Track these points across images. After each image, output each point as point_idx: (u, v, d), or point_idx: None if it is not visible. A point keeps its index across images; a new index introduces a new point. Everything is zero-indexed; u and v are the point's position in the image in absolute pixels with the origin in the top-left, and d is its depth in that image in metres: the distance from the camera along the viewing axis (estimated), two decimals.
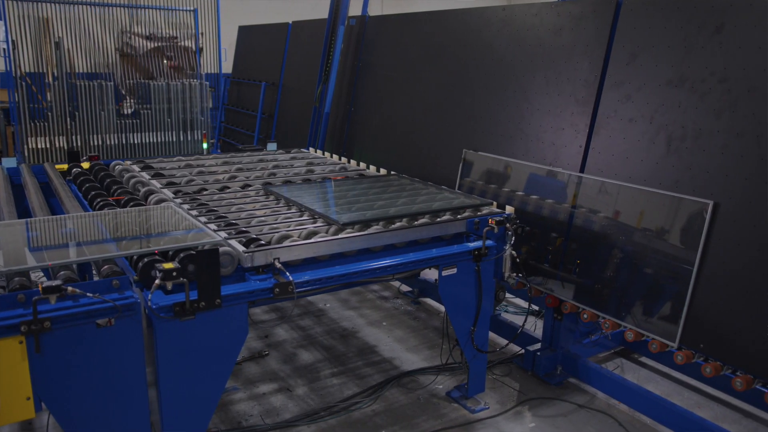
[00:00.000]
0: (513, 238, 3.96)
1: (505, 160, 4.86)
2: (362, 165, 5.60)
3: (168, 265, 2.78)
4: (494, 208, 4.19)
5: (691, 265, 3.64)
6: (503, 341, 5.10)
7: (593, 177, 4.23)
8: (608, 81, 4.28)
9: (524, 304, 5.81)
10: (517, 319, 5.46)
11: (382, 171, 5.39)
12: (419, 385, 4.48)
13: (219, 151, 9.93)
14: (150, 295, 2.78)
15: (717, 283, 3.53)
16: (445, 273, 3.77)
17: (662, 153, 3.91)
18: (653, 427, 4.07)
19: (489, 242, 3.88)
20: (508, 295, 6.03)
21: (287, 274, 3.14)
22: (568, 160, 4.45)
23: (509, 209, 4.15)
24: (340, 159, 5.95)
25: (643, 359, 5.00)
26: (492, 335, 5.06)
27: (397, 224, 3.74)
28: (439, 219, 3.90)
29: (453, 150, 5.48)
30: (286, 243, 3.34)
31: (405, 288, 6.25)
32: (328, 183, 4.83)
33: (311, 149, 6.48)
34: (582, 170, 4.35)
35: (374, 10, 11.48)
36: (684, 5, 3.89)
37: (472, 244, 3.86)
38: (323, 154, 6.18)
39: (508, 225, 3.92)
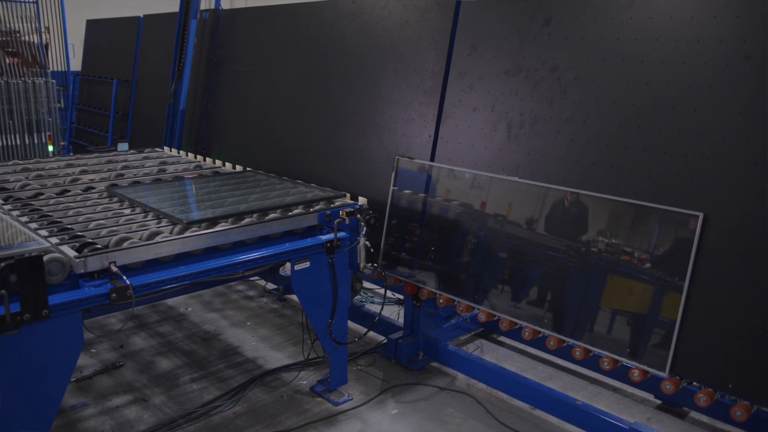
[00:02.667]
0: (365, 229, 3.98)
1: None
2: (218, 163, 5.44)
3: None
4: (347, 200, 4.20)
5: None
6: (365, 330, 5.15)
7: (441, 165, 4.35)
8: (453, 71, 4.41)
9: (391, 294, 5.89)
10: (377, 308, 5.55)
11: (239, 168, 5.26)
12: (283, 383, 4.42)
13: (71, 154, 9.31)
14: None
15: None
16: (297, 267, 3.73)
17: (503, 140, 4.08)
18: (508, 401, 4.26)
19: (342, 234, 3.88)
20: (373, 285, 6.11)
21: (124, 278, 2.97)
22: (419, 150, 4.54)
23: (362, 200, 4.17)
24: (196, 157, 5.74)
25: (501, 338, 5.21)
26: (357, 327, 5.11)
27: (246, 220, 3.65)
28: (290, 213, 3.85)
29: (310, 144, 5.44)
30: (125, 245, 3.16)
31: (271, 286, 6.15)
32: (179, 182, 4.64)
33: (166, 148, 6.21)
34: (432, 159, 4.45)
35: (227, 3, 11.22)
36: None
37: (324, 237, 3.84)
38: (179, 153, 5.94)
39: (359, 216, 3.94)
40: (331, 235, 3.84)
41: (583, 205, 3.66)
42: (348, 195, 4.27)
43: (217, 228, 3.51)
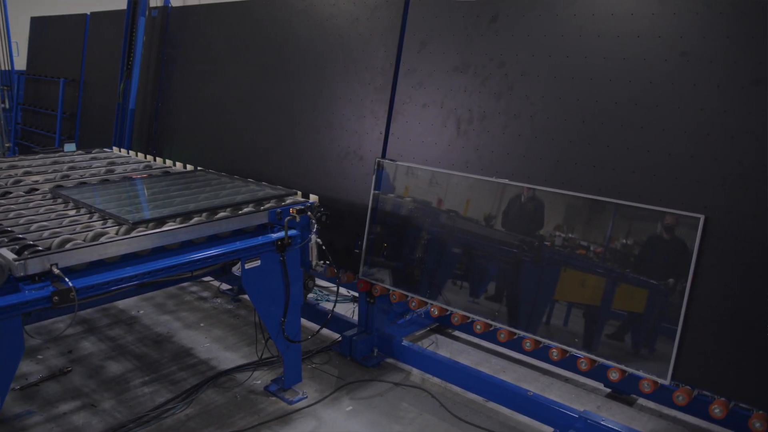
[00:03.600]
0: (315, 226, 3.96)
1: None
2: (169, 162, 5.35)
3: None
4: (298, 198, 4.18)
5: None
6: (324, 330, 5.13)
7: (393, 161, 4.37)
8: (402, 68, 4.42)
9: (346, 292, 5.89)
10: (340, 308, 5.54)
11: (189, 167, 5.19)
12: (236, 384, 4.38)
13: (16, 155, 9.03)
14: None
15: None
16: (248, 266, 3.70)
17: (453, 135, 4.12)
18: (462, 394, 4.30)
19: (293, 232, 3.86)
20: (328, 284, 6.10)
21: (66, 280, 2.90)
22: (371, 147, 4.55)
23: (313, 198, 4.15)
24: (146, 157, 5.64)
25: (456, 333, 5.26)
26: (312, 325, 5.09)
27: (195, 219, 3.60)
28: (240, 212, 3.81)
29: (263, 142, 5.40)
30: (68, 247, 3.09)
31: (225, 287, 6.08)
32: (127, 182, 4.55)
33: (115, 149, 6.08)
34: (383, 156, 4.46)
35: (178, 1, 11.01)
36: None
37: (275, 235, 3.81)
38: (128, 153, 5.82)
39: (310, 213, 3.92)
40: (281, 233, 3.81)
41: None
42: (299, 193, 4.25)
43: (165, 228, 3.46)
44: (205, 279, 6.29)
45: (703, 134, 3.17)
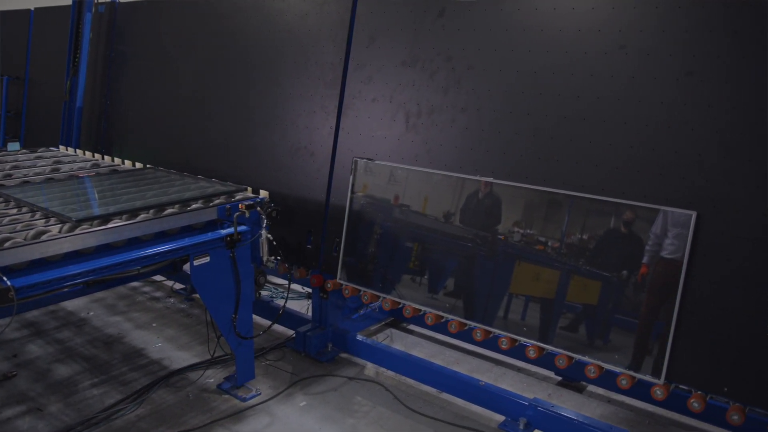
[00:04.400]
0: (265, 222, 3.94)
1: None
2: (118, 161, 5.25)
3: None
4: (249, 194, 4.15)
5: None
6: (279, 327, 5.12)
7: (345, 157, 4.37)
8: (352, 63, 4.43)
9: (301, 289, 5.88)
10: (295, 304, 5.53)
11: (139, 165, 5.11)
12: (189, 383, 4.33)
13: None
14: None
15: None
16: (197, 262, 3.66)
17: (402, 129, 4.14)
18: (416, 386, 4.33)
19: (242, 227, 3.83)
20: (283, 281, 6.07)
21: (4, 279, 2.83)
22: (321, 142, 4.54)
23: (264, 193, 4.13)
24: (94, 156, 5.52)
25: (411, 327, 5.30)
26: (266, 322, 5.07)
27: (141, 216, 3.55)
28: (189, 208, 3.77)
29: (214, 139, 5.34)
30: (6, 245, 3.01)
31: (179, 286, 6.00)
32: (72, 181, 4.45)
33: (62, 147, 5.94)
34: (334, 151, 4.46)
35: None
36: None
37: (224, 231, 3.78)
38: (75, 152, 5.70)
39: (259, 209, 3.90)
40: (231, 229, 3.78)
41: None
42: (249, 189, 4.23)
43: (110, 225, 3.39)
44: (158, 279, 6.20)
45: (642, 125, 3.26)
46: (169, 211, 3.69)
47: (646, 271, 3.25)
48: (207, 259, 3.72)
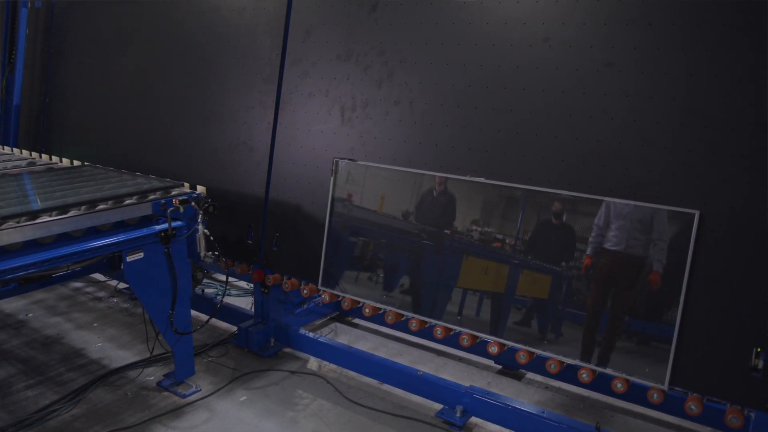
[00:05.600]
0: (200, 217, 3.92)
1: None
2: (56, 159, 5.16)
3: None
4: (185, 189, 4.13)
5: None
6: (224, 324, 5.10)
7: (283, 152, 4.38)
8: (288, 58, 4.44)
9: (247, 285, 5.86)
10: (239, 301, 5.52)
11: (77, 163, 5.02)
12: (128, 381, 4.28)
13: None
14: None
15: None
16: (130, 258, 3.62)
17: (338, 123, 4.17)
18: (358, 378, 4.37)
19: (177, 223, 3.81)
20: (231, 279, 6.04)
21: None
22: (260, 137, 4.54)
23: (200, 189, 4.11)
24: (31, 154, 5.41)
25: (357, 321, 5.33)
26: (213, 320, 5.04)
27: (72, 212, 3.50)
28: (122, 204, 3.73)
29: (154, 136, 5.29)
30: None
31: (122, 285, 5.92)
32: (4, 179, 4.36)
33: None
34: (272, 146, 4.47)
35: None
36: None
37: (158, 227, 3.75)
38: (12, 150, 5.57)
39: (194, 204, 3.88)
40: (165, 225, 3.75)
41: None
42: (187, 185, 4.20)
43: (38, 221, 3.34)
44: (102, 279, 6.12)
45: (565, 115, 3.35)
46: (101, 207, 3.65)
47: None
48: (140, 255, 3.69)
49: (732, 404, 2.96)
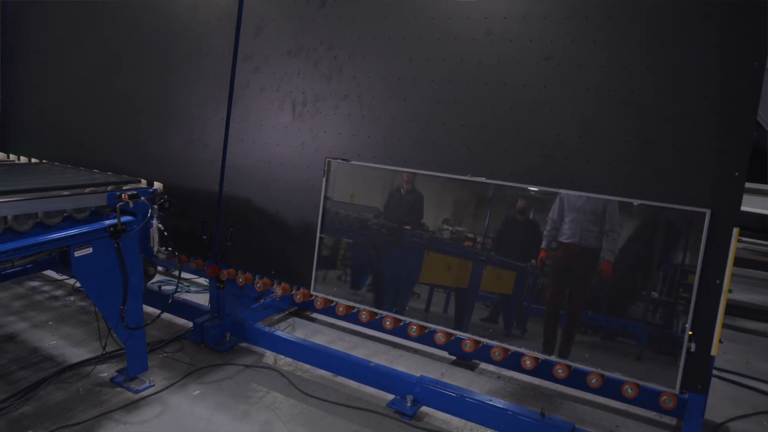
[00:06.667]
0: (155, 212, 3.93)
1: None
2: (13, 157, 5.11)
3: None
4: (141, 185, 4.12)
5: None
6: (181, 320, 5.10)
7: (236, 147, 4.40)
8: (240, 54, 4.46)
9: (206, 282, 5.86)
10: (199, 298, 5.52)
11: (35, 161, 4.98)
12: (80, 378, 4.26)
13: None
14: None
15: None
16: (78, 254, 3.61)
17: (289, 118, 4.20)
18: (312, 371, 4.40)
19: (127, 218, 3.81)
20: (191, 276, 6.05)
21: None
22: (213, 133, 4.55)
23: (157, 185, 4.12)
24: None
25: (315, 315, 5.37)
26: (170, 317, 5.06)
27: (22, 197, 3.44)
28: (68, 193, 3.69)
29: (110, 133, 5.26)
30: None
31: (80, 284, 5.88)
32: None
33: None
34: (225, 141, 4.48)
35: None
36: None
37: (107, 221, 3.75)
38: None
39: (143, 199, 3.88)
40: (114, 220, 3.75)
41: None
42: (143, 181, 4.19)
43: None
44: (59, 277, 6.07)
45: (507, 107, 3.42)
46: (55, 193, 3.61)
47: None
48: (90, 250, 3.68)
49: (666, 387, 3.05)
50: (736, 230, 2.91)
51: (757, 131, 4.50)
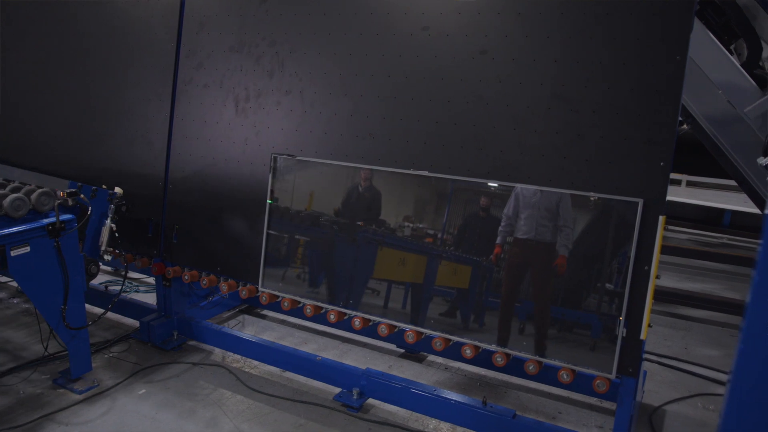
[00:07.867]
0: (110, 211, 3.89)
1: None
2: None
3: None
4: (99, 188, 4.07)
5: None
6: (129, 320, 5.04)
7: (180, 144, 4.37)
8: (183, 50, 4.43)
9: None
10: (149, 297, 5.46)
11: None
12: (21, 381, 4.19)
13: None
14: None
15: None
16: (14, 253, 3.55)
17: (232, 114, 4.19)
18: (261, 367, 4.41)
19: (67, 216, 3.76)
20: (140, 275, 5.98)
21: None
22: (158, 130, 4.51)
23: (118, 190, 4.09)
24: None
25: (264, 312, 5.36)
26: (118, 317, 5.00)
27: None
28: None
29: (55, 131, 5.16)
30: None
31: None
32: None
33: None
34: (170, 138, 4.45)
35: None
36: None
37: (45, 220, 3.70)
38: None
39: (83, 196, 3.83)
40: (53, 219, 3.70)
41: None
42: (104, 186, 4.15)
43: None
44: (4, 280, 5.93)
45: (444, 101, 3.48)
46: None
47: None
48: (27, 249, 3.62)
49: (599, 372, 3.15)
50: (662, 218, 3.01)
51: (693, 124, 4.66)
